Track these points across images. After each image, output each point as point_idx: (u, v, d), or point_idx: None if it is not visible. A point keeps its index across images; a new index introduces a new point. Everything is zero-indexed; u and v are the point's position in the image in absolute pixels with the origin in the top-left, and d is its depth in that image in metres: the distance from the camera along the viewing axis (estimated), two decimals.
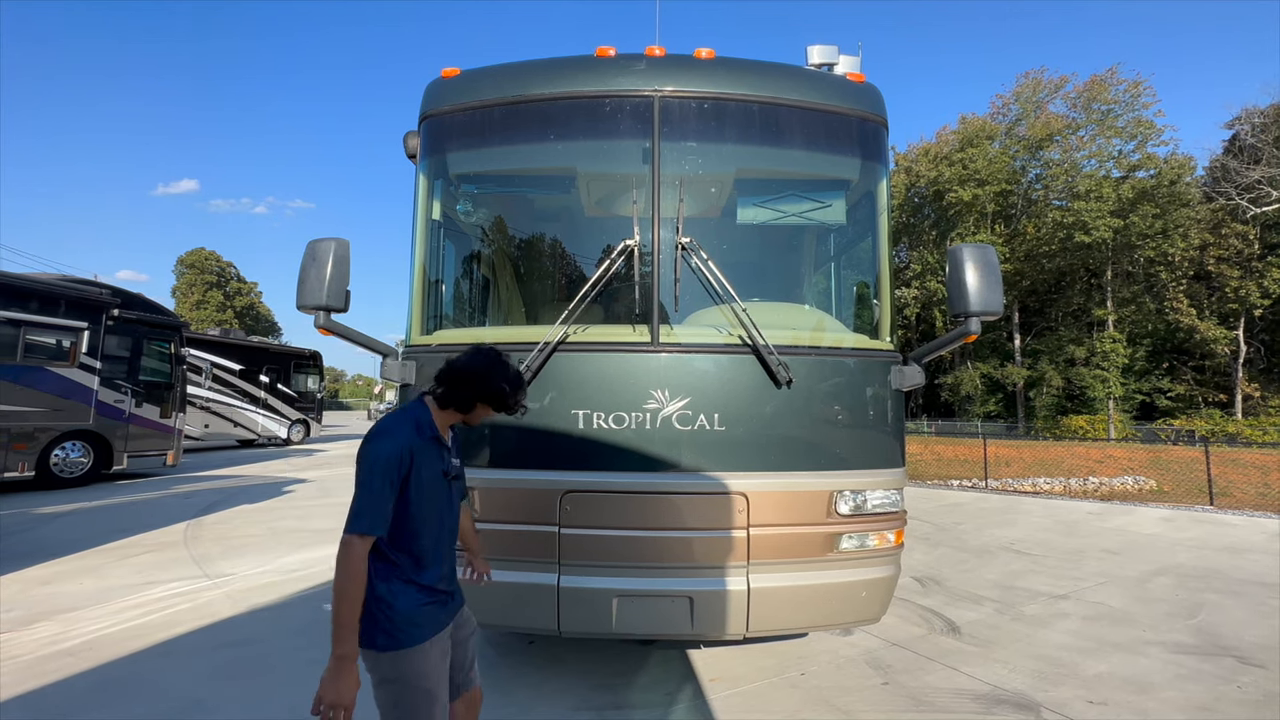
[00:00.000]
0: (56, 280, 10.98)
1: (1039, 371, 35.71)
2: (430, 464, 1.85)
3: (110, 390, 11.02)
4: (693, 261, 3.03)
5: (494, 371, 1.91)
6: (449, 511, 1.95)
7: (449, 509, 1.95)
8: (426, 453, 1.85)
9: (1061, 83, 36.44)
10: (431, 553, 1.86)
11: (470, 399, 1.91)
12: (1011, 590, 5.36)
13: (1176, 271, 33.75)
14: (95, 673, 3.54)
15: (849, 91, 3.44)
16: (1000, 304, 2.91)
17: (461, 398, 1.91)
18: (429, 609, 1.83)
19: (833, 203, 3.68)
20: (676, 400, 2.94)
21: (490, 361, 1.93)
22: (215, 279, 69.32)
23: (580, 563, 2.92)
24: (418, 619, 1.79)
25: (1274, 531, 8.10)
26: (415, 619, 1.78)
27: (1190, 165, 33.18)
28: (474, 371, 1.90)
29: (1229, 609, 4.86)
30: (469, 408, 1.93)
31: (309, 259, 2.91)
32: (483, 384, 1.90)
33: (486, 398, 1.92)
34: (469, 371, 1.90)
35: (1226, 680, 3.58)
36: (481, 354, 1.95)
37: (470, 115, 3.41)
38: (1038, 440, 25.70)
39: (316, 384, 22.63)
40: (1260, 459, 15.97)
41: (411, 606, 1.78)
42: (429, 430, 1.89)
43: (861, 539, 3.06)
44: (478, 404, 1.93)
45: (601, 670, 3.57)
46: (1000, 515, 9.37)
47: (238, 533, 7.28)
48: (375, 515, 1.71)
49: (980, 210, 37.88)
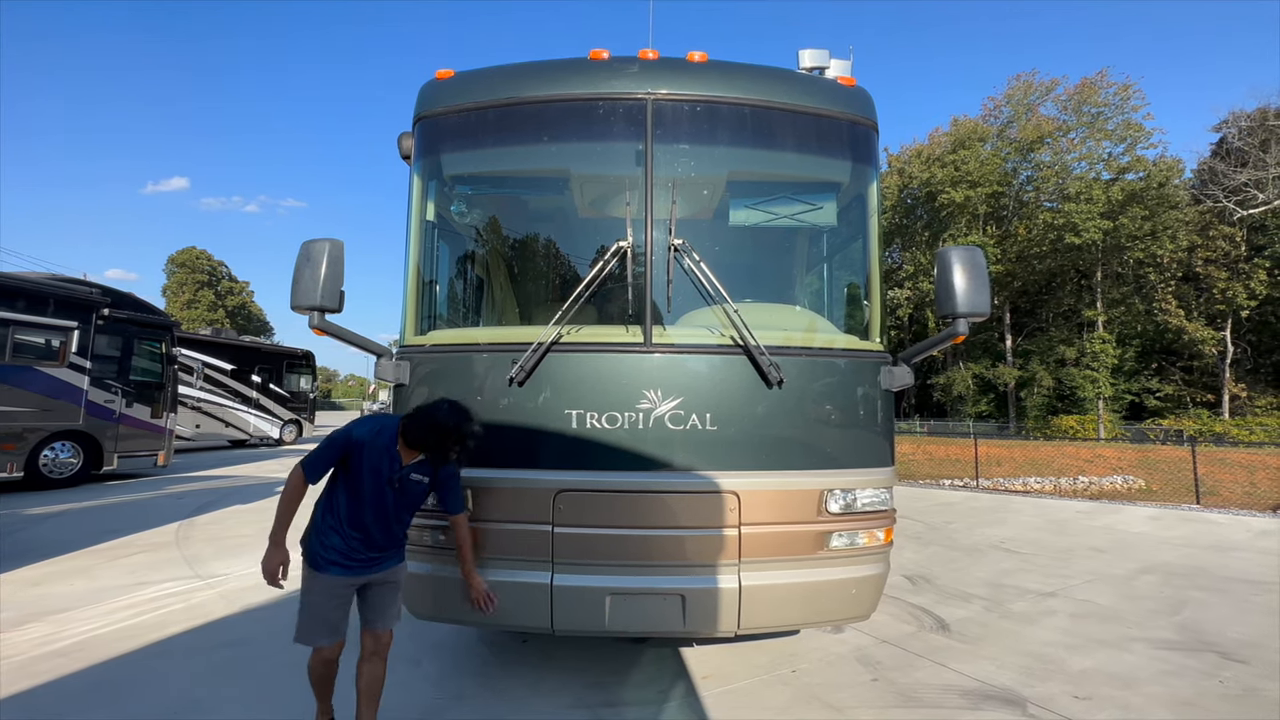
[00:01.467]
0: (45, 279, 10.89)
1: (1030, 372, 35.98)
2: (372, 462, 2.45)
3: (100, 390, 10.94)
4: (685, 263, 3.06)
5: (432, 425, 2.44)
6: (383, 504, 2.49)
7: (384, 503, 2.49)
8: (372, 453, 2.45)
9: (1052, 85, 36.73)
10: (360, 523, 2.48)
11: (413, 440, 2.47)
12: (1001, 588, 5.42)
13: (1165, 273, 34.09)
14: (88, 673, 3.53)
15: (840, 95, 3.48)
16: (988, 305, 2.95)
17: (408, 436, 2.48)
18: (341, 556, 2.48)
19: (824, 205, 3.71)
20: (669, 400, 2.97)
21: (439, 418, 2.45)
22: (206, 278, 68.78)
23: (573, 561, 2.94)
24: (330, 557, 2.48)
25: (1258, 529, 8.22)
26: (329, 556, 2.48)
27: (1179, 168, 33.51)
28: (423, 419, 2.45)
29: (1213, 606, 4.94)
30: (412, 444, 2.49)
31: (303, 259, 2.92)
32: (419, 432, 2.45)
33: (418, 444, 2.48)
34: (418, 419, 2.46)
35: (1209, 675, 3.65)
36: (443, 407, 2.48)
37: (464, 117, 3.43)
38: (1029, 440, 25.91)
39: (309, 384, 22.53)
40: (1246, 458, 16.18)
41: (329, 546, 2.48)
42: (385, 438, 2.47)
43: (851, 537, 3.10)
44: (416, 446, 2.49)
45: (595, 668, 3.60)
46: (991, 514, 9.46)
47: (230, 533, 7.26)
48: (312, 465, 2.46)
49: (972, 212, 38.14)
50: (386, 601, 2.66)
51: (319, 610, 2.49)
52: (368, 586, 2.61)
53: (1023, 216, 37.58)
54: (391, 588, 2.67)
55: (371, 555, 2.55)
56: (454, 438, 2.43)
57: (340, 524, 2.48)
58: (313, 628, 2.50)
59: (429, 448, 2.46)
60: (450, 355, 3.24)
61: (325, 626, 2.51)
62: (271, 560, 2.46)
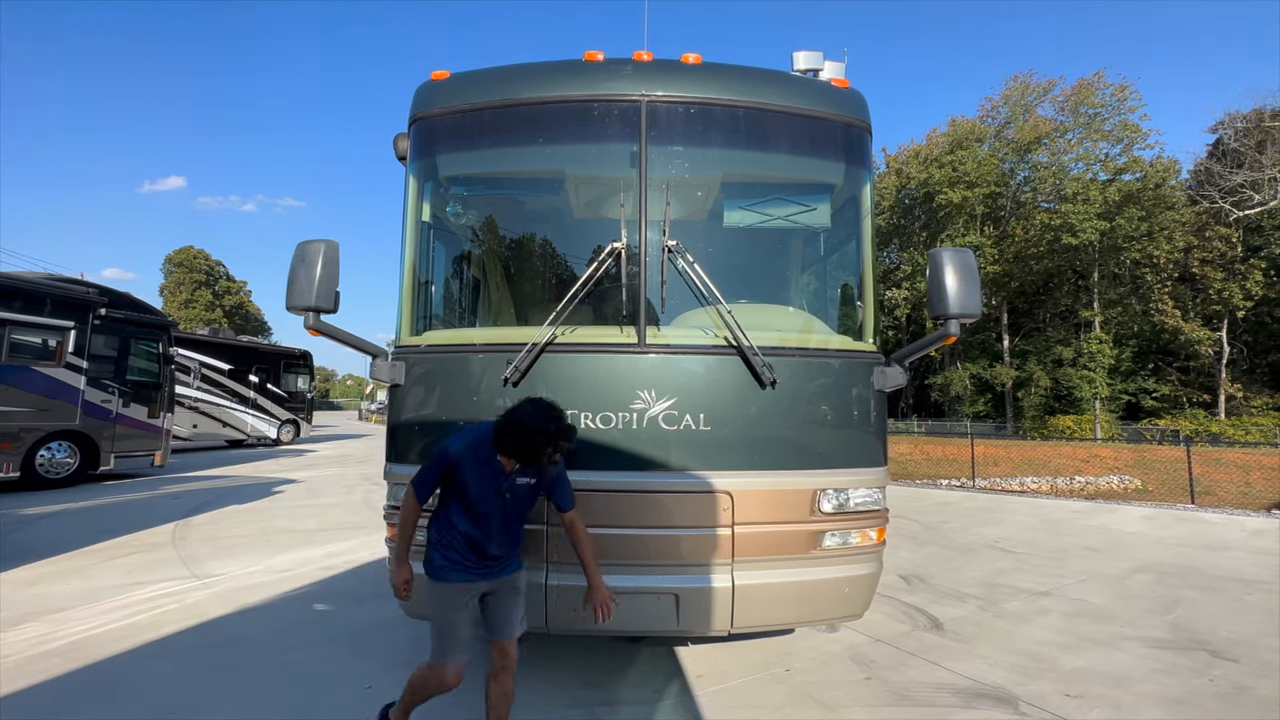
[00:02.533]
0: (42, 279, 10.88)
1: (1027, 372, 36.09)
2: (477, 475, 2.37)
3: (97, 390, 10.92)
4: (679, 264, 3.08)
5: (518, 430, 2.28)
6: (496, 513, 2.42)
7: (496, 512, 2.42)
8: (474, 467, 2.37)
9: (1049, 86, 36.87)
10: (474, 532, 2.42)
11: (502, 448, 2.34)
12: (995, 587, 5.45)
13: (1162, 273, 34.21)
14: (83, 673, 3.54)
15: (833, 97, 3.49)
16: (979, 307, 2.97)
17: (499, 445, 2.34)
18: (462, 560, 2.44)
19: (817, 206, 3.74)
20: (663, 401, 2.99)
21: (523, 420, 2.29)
22: (204, 278, 68.66)
23: (568, 561, 2.95)
24: (452, 565, 2.43)
25: (1253, 529, 8.26)
26: (450, 564, 2.43)
27: (1175, 169, 33.68)
28: (505, 426, 2.31)
29: (1205, 605, 4.97)
30: (502, 451, 2.36)
31: (298, 260, 2.93)
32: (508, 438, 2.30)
33: (509, 451, 2.33)
34: (504, 425, 2.32)
35: (1200, 674, 3.67)
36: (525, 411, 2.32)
37: (460, 118, 3.44)
38: (1025, 440, 26.01)
39: (306, 384, 22.51)
40: (1242, 458, 16.25)
41: (448, 556, 2.44)
42: (482, 451, 2.37)
43: (844, 537, 3.12)
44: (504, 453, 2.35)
45: (591, 668, 3.61)
46: (987, 514, 9.49)
47: (227, 533, 7.26)
48: (420, 485, 2.44)
49: (970, 212, 38.25)
50: (509, 608, 2.56)
51: (450, 623, 2.43)
52: (490, 595, 2.53)
53: (1020, 217, 37.70)
54: (513, 594, 2.58)
55: (490, 562, 2.50)
56: (543, 441, 2.27)
57: (456, 535, 2.44)
58: (448, 643, 2.43)
59: (522, 457, 2.32)
60: (445, 356, 3.25)
61: (459, 640, 2.43)
62: (398, 576, 2.54)
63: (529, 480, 2.45)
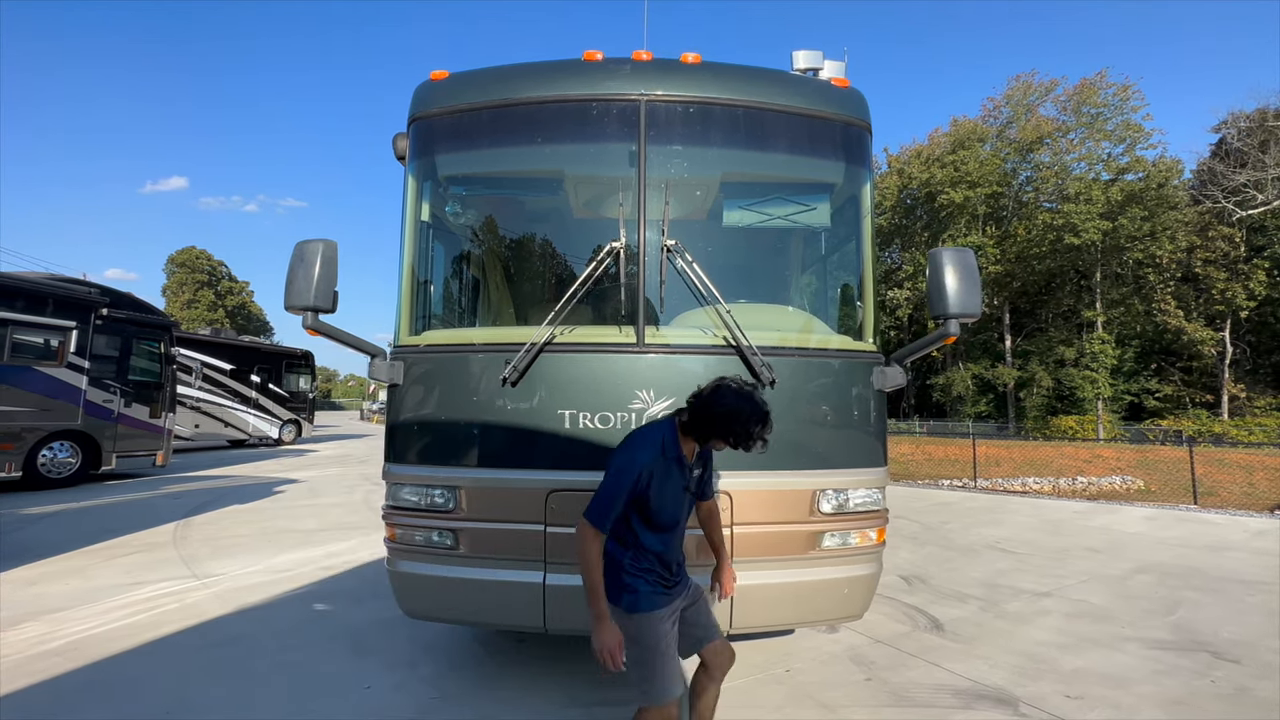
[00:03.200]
0: (44, 279, 10.90)
1: (1029, 372, 35.98)
2: (670, 480, 2.15)
3: (99, 390, 10.95)
4: (678, 263, 3.07)
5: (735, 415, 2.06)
6: (682, 513, 2.24)
7: (682, 512, 2.24)
8: (666, 472, 2.14)
9: (1052, 86, 36.72)
10: (660, 544, 2.20)
11: (708, 435, 2.12)
12: (996, 588, 5.43)
13: (1164, 273, 34.10)
14: (82, 672, 3.54)
15: (833, 97, 3.49)
16: (978, 307, 2.96)
17: (701, 432, 2.13)
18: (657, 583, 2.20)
19: (817, 206, 3.73)
20: (661, 400, 2.98)
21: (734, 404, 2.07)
22: (206, 278, 68.77)
23: (566, 561, 2.95)
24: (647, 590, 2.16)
25: (1255, 530, 8.23)
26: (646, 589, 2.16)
27: (1178, 168, 33.52)
28: (716, 411, 2.08)
29: (1206, 606, 4.95)
30: (705, 440, 2.16)
31: (297, 260, 2.93)
32: (723, 424, 2.07)
33: (723, 436, 2.09)
34: (712, 410, 2.09)
35: (1201, 675, 3.66)
36: (729, 393, 2.10)
37: (459, 118, 3.44)
38: (1028, 440, 25.92)
39: (308, 384, 22.54)
40: (1245, 459, 16.19)
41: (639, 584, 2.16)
42: (672, 450, 2.15)
43: (844, 537, 3.11)
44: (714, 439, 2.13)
45: (590, 667, 3.60)
46: (988, 514, 9.47)
47: (227, 533, 7.27)
48: (603, 514, 2.07)
49: (972, 212, 38.13)
50: (703, 609, 2.37)
51: (669, 653, 2.17)
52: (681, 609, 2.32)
53: (1022, 217, 37.58)
54: (698, 592, 2.40)
55: (675, 574, 2.30)
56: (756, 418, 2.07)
57: (648, 556, 2.19)
58: (670, 676, 2.14)
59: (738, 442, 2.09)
60: (444, 355, 3.25)
61: (678, 668, 2.19)
62: (610, 638, 2.05)
63: (699, 471, 2.32)
